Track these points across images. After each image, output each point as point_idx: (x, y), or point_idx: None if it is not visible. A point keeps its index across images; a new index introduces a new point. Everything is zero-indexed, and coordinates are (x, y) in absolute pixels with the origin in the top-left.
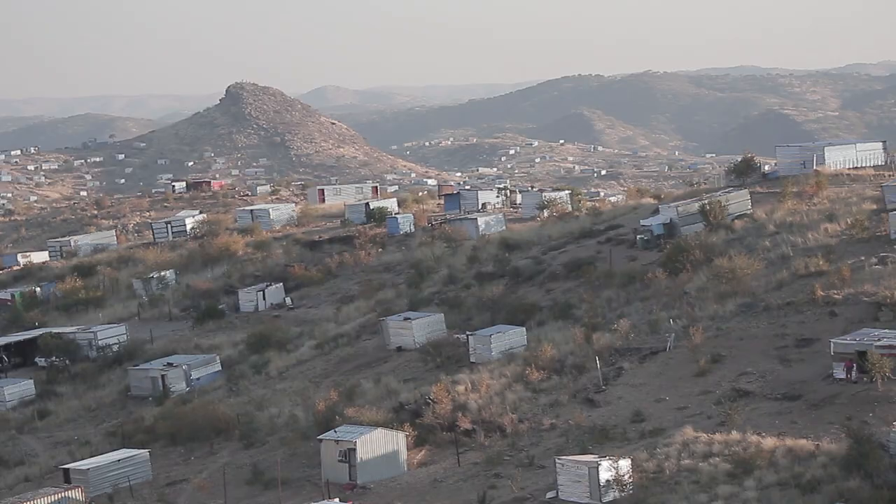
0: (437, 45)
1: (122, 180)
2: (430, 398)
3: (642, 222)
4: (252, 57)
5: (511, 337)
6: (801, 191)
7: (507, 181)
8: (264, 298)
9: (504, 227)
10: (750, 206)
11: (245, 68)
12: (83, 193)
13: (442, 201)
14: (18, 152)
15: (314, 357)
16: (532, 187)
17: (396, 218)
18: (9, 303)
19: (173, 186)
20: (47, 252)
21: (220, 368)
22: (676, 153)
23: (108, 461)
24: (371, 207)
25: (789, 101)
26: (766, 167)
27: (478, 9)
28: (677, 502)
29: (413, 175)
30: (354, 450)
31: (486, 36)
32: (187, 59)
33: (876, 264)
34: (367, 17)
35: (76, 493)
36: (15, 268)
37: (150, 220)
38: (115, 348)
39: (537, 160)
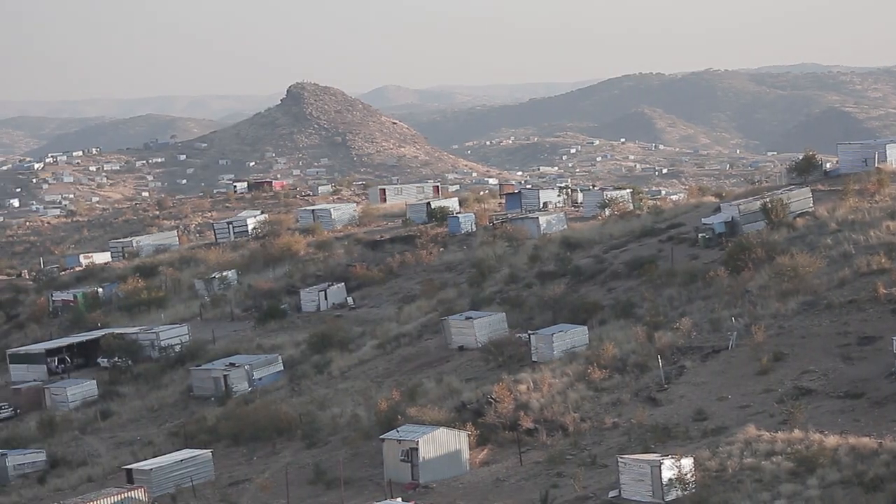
0: (498, 44)
1: (184, 181)
2: (492, 397)
3: (704, 221)
4: (313, 57)
5: (573, 336)
6: (863, 188)
7: (569, 180)
8: (326, 298)
9: (565, 226)
10: (811, 204)
11: (306, 68)
12: (145, 194)
13: (503, 200)
14: (80, 153)
15: (376, 357)
16: (593, 186)
17: (458, 217)
18: (71, 303)
19: (235, 187)
20: (109, 253)
21: (282, 368)
22: (738, 151)
23: (170, 461)
24: (432, 207)
25: (850, 98)
26: (828, 165)
27: (539, 8)
28: (740, 501)
29: (474, 174)
30: (417, 449)
31: (547, 35)
32: (248, 60)
33: None
34: (427, 17)
35: (139, 494)
36: (77, 269)
37: (211, 221)
38: (178, 349)
39: (598, 159)
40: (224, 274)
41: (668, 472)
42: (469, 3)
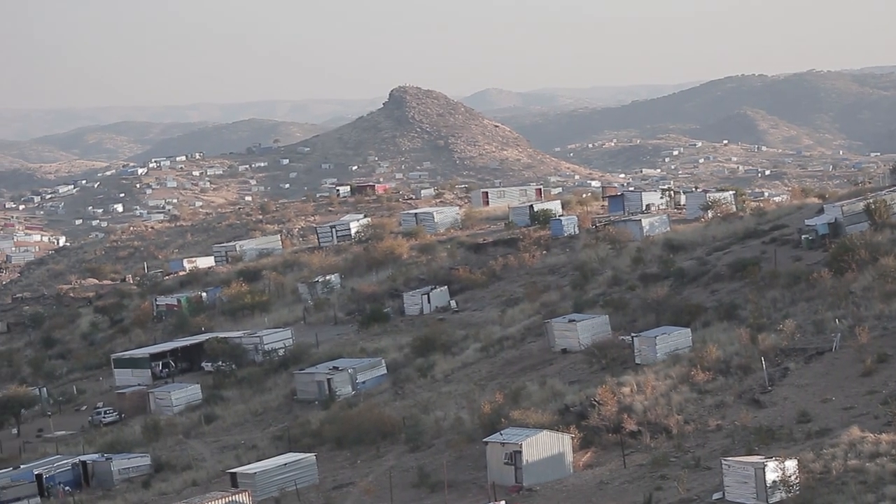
0: (600, 46)
1: (287, 185)
2: (595, 400)
3: (807, 222)
4: (415, 61)
5: (676, 338)
6: None
7: (671, 182)
8: (429, 301)
9: (668, 228)
10: None
11: (408, 72)
12: (248, 198)
13: (606, 203)
14: (184, 158)
15: (479, 360)
16: (696, 188)
17: (560, 220)
18: (175, 308)
19: (338, 190)
20: (213, 257)
21: (385, 372)
22: (840, 152)
23: (274, 465)
24: (535, 210)
25: None
26: None
27: (639, 10)
28: (844, 503)
29: (577, 177)
30: (520, 452)
31: (649, 37)
32: (350, 64)
33: None
34: (529, 19)
35: (243, 497)
36: (181, 273)
37: (314, 225)
38: (281, 352)
39: (701, 161)
40: (327, 278)
41: (772, 475)
42: (570, 6)
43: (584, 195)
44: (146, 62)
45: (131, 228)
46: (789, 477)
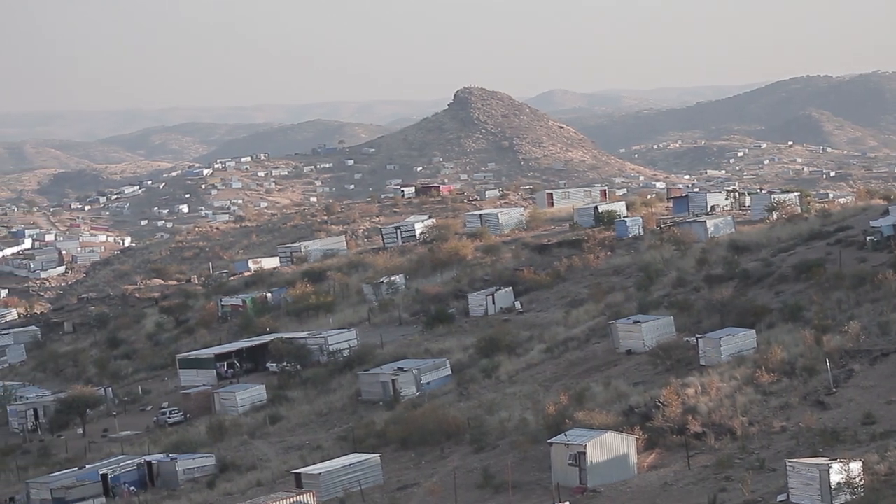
0: (665, 47)
1: (352, 186)
2: (659, 401)
3: (872, 223)
4: (480, 62)
5: (741, 339)
6: None
7: (736, 183)
8: (494, 302)
9: (733, 230)
10: None
11: (473, 73)
12: (313, 199)
13: (670, 204)
14: (249, 159)
15: (544, 361)
16: (761, 189)
17: (625, 221)
18: (240, 308)
19: (402, 191)
20: (278, 258)
21: (450, 373)
22: None
23: (339, 465)
24: (599, 211)
25: None
26: None
27: (704, 10)
28: None
29: (641, 178)
30: (585, 453)
31: (714, 37)
32: (415, 66)
33: None
34: (593, 20)
35: (308, 498)
36: (246, 274)
37: (379, 226)
38: (346, 353)
39: (766, 162)
40: (392, 278)
41: (836, 477)
42: (635, 7)
43: (648, 196)
44: (211, 64)
45: (196, 229)
46: (854, 479)
